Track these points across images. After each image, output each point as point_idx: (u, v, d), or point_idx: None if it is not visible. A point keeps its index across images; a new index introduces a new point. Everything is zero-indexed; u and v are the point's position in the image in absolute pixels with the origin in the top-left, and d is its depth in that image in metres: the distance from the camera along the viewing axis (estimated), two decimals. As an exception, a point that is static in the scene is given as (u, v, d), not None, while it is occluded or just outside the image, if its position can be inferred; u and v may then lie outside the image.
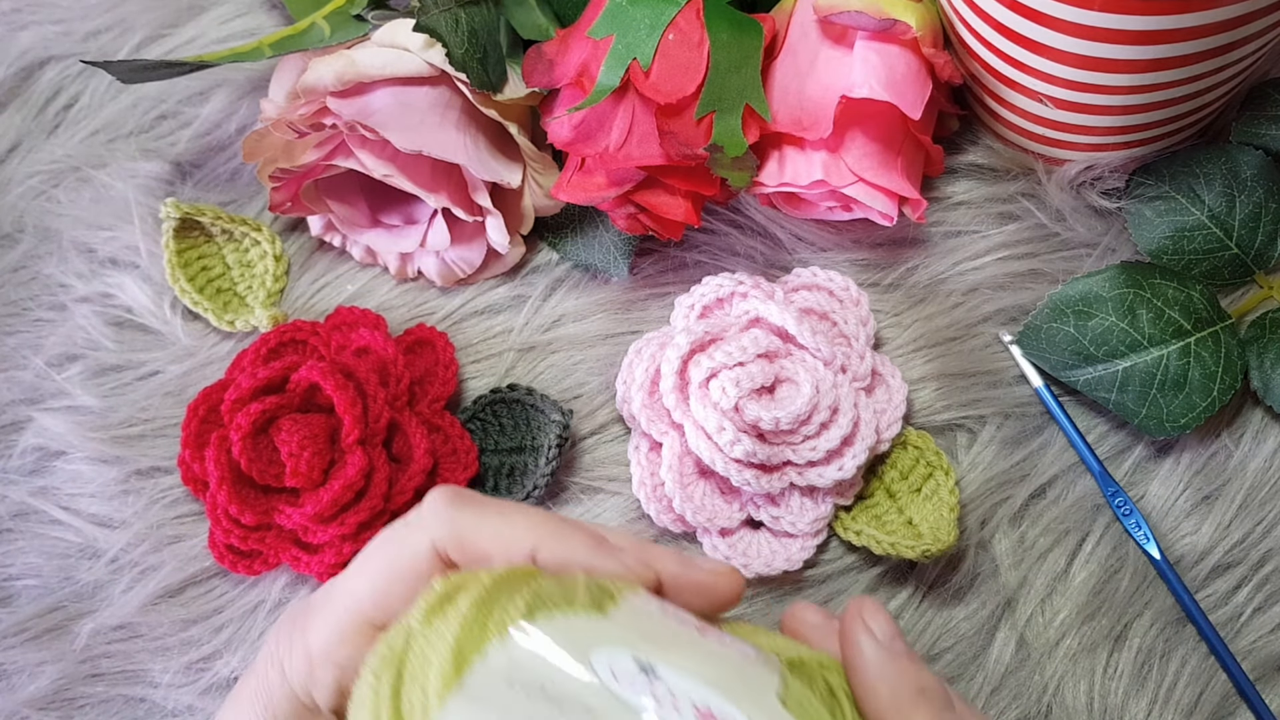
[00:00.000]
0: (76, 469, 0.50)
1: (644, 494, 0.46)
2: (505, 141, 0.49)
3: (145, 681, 0.47)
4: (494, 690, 0.25)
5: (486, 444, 0.48)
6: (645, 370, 0.47)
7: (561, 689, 0.25)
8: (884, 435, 0.47)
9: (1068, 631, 0.46)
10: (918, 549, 0.44)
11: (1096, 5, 0.40)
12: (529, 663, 0.25)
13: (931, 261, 0.50)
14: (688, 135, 0.43)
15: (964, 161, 0.52)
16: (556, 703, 0.25)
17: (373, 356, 0.48)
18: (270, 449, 0.46)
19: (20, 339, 0.53)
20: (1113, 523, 0.47)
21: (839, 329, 0.48)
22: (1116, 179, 0.50)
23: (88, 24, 0.58)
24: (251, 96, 0.56)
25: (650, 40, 0.44)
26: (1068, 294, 0.47)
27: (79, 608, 0.48)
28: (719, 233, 0.51)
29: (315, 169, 0.48)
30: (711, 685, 0.26)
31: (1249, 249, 0.48)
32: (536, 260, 0.52)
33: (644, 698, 0.25)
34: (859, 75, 0.45)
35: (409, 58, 0.46)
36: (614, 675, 0.26)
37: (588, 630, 0.27)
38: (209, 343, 0.52)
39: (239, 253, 0.53)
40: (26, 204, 0.55)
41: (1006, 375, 0.49)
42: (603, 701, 0.25)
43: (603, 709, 0.25)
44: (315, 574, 0.45)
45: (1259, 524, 0.47)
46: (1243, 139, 0.49)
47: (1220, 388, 0.46)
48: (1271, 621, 0.46)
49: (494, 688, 0.25)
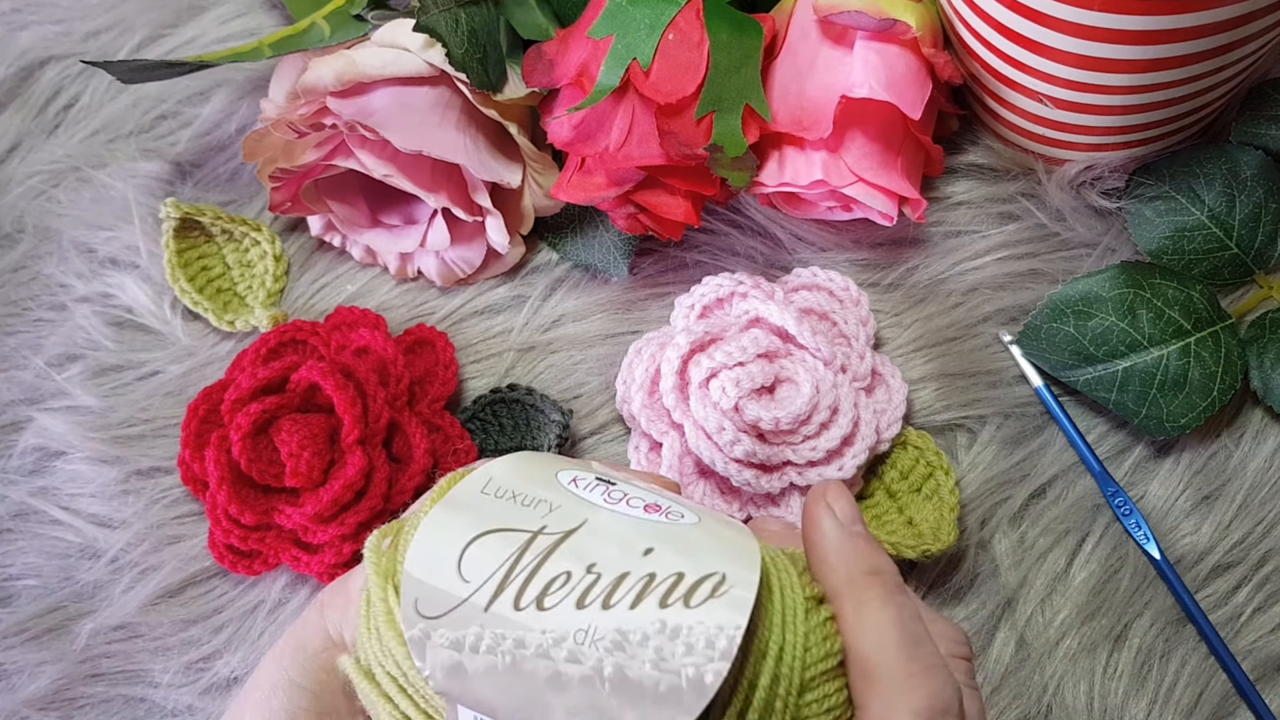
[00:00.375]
0: (76, 469, 0.50)
1: (644, 494, 0.47)
2: (505, 141, 0.49)
3: (145, 681, 0.47)
4: (470, 498, 0.29)
5: (486, 444, 0.48)
6: (645, 370, 0.47)
7: (526, 491, 0.29)
8: (884, 435, 0.47)
9: (1068, 631, 0.46)
10: (918, 549, 0.44)
11: (1096, 5, 0.40)
12: (502, 478, 0.30)
13: (931, 261, 0.50)
14: (688, 135, 0.43)
15: (964, 161, 0.52)
16: (520, 501, 0.29)
17: (373, 356, 0.48)
18: (270, 449, 0.46)
19: (20, 339, 0.53)
20: (1113, 523, 0.47)
21: (839, 329, 0.48)
22: (1116, 179, 0.50)
23: (88, 24, 0.58)
24: (251, 96, 0.56)
25: (650, 40, 0.44)
26: (1068, 294, 0.47)
27: (79, 608, 0.48)
28: (719, 233, 0.51)
29: (315, 169, 0.48)
30: (665, 497, 0.30)
31: (1249, 249, 0.48)
32: (536, 260, 0.52)
33: (599, 496, 0.29)
34: (859, 75, 0.45)
35: (409, 58, 0.46)
36: (575, 484, 0.30)
37: (558, 462, 0.32)
38: (209, 343, 0.52)
39: (239, 253, 0.53)
40: (26, 204, 0.55)
41: (1006, 375, 0.49)
42: (561, 498, 0.29)
43: (559, 502, 0.29)
44: (315, 574, 0.45)
45: (1259, 524, 0.47)
46: (1243, 139, 0.49)
47: (1220, 388, 0.46)
48: (1271, 621, 0.46)
49: (471, 496, 0.29)
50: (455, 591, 0.27)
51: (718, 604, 0.27)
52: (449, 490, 0.30)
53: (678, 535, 0.28)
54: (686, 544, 0.28)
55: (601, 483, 0.30)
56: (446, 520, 0.29)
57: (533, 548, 0.28)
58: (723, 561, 0.28)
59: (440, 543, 0.28)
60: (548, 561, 0.27)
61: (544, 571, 0.27)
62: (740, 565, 0.28)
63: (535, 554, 0.27)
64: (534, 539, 0.28)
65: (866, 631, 0.29)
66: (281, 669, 0.33)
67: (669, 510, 0.29)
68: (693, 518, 0.29)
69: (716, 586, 0.27)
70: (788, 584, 0.29)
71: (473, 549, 0.28)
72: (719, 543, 0.28)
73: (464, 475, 0.31)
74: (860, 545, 0.31)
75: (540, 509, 0.29)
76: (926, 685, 0.28)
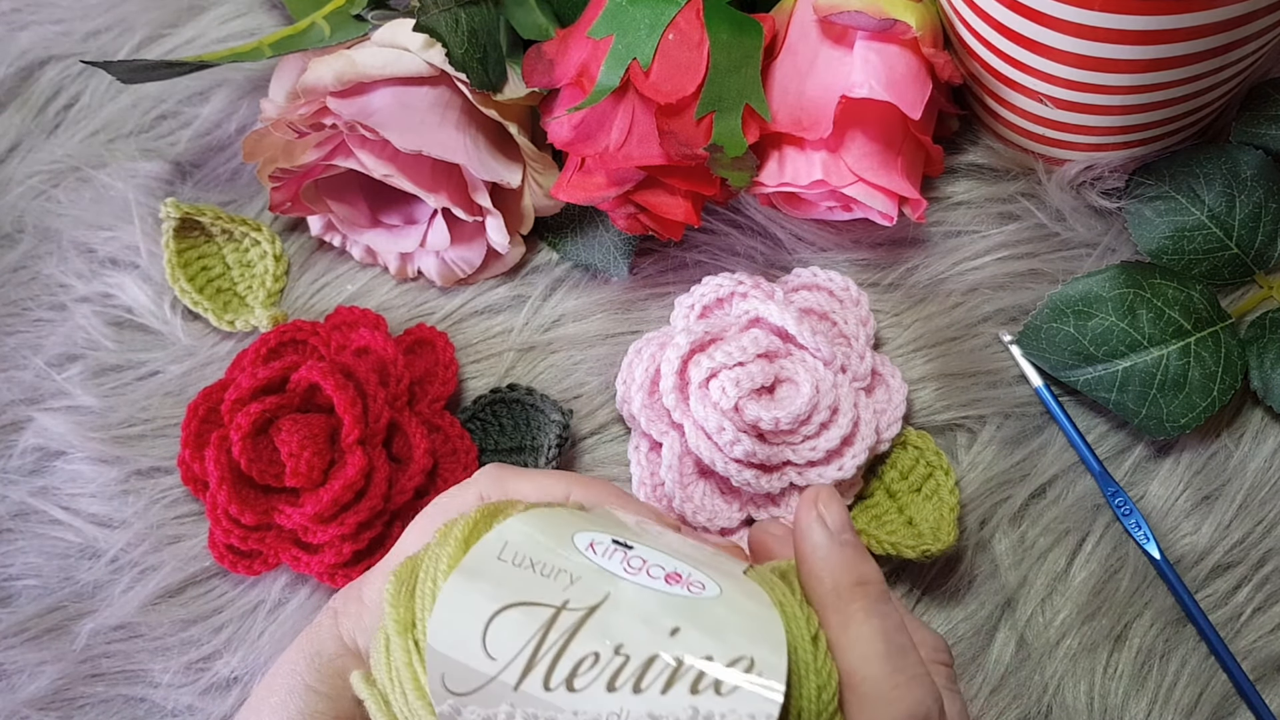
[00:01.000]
0: (76, 469, 0.50)
1: (644, 494, 0.47)
2: (505, 141, 0.49)
3: (145, 681, 0.47)
4: (488, 565, 0.29)
5: (486, 444, 0.48)
6: (645, 370, 0.47)
7: (545, 560, 0.29)
8: (884, 435, 0.47)
9: (1068, 631, 0.46)
10: (918, 549, 0.44)
11: (1096, 5, 0.40)
12: (519, 542, 0.30)
13: (931, 261, 0.50)
14: (688, 135, 0.43)
15: (964, 161, 0.52)
16: (540, 570, 0.29)
17: (373, 356, 0.48)
18: (270, 449, 0.46)
19: (20, 339, 0.53)
20: (1113, 523, 0.47)
21: (839, 329, 0.48)
22: (1116, 179, 0.50)
23: (88, 24, 0.58)
24: (251, 96, 0.56)
25: (650, 40, 0.44)
26: (1068, 294, 0.47)
27: (79, 608, 0.48)
28: (719, 233, 0.51)
29: (315, 169, 0.48)
30: (680, 559, 0.30)
31: (1249, 249, 0.48)
32: (536, 260, 0.52)
33: (618, 565, 0.29)
34: (859, 75, 0.45)
35: (409, 58, 0.46)
36: (593, 549, 0.30)
37: (572, 520, 0.31)
38: (209, 343, 0.52)
39: (239, 253, 0.53)
40: (26, 204, 0.55)
41: (1006, 375, 0.49)
42: (580, 568, 0.29)
43: (579, 573, 0.29)
44: (315, 574, 0.45)
45: (1259, 524, 0.47)
46: (1243, 139, 0.49)
47: (1220, 388, 0.46)
48: (1271, 621, 0.46)
49: (488, 563, 0.29)
50: (482, 669, 0.27)
51: (748, 692, 0.27)
52: (464, 554, 0.29)
53: (702, 612, 0.28)
54: (712, 622, 0.28)
55: (619, 547, 0.30)
56: (466, 591, 0.29)
57: (558, 624, 0.28)
58: (750, 643, 0.28)
59: (463, 616, 0.28)
60: (574, 640, 0.28)
61: (572, 650, 0.27)
62: (767, 646, 0.28)
63: (561, 631, 0.28)
64: (558, 615, 0.28)
65: (852, 645, 0.30)
66: (297, 675, 0.33)
67: (690, 580, 0.29)
68: (713, 588, 0.29)
69: (747, 670, 0.27)
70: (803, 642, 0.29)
71: (497, 624, 0.28)
72: (743, 618, 0.29)
73: (477, 524, 0.31)
74: (848, 555, 0.31)
75: (561, 580, 0.29)
76: (910, 695, 0.29)
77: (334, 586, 0.46)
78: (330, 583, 0.45)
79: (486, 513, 0.31)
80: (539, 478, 0.35)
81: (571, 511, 0.32)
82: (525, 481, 0.35)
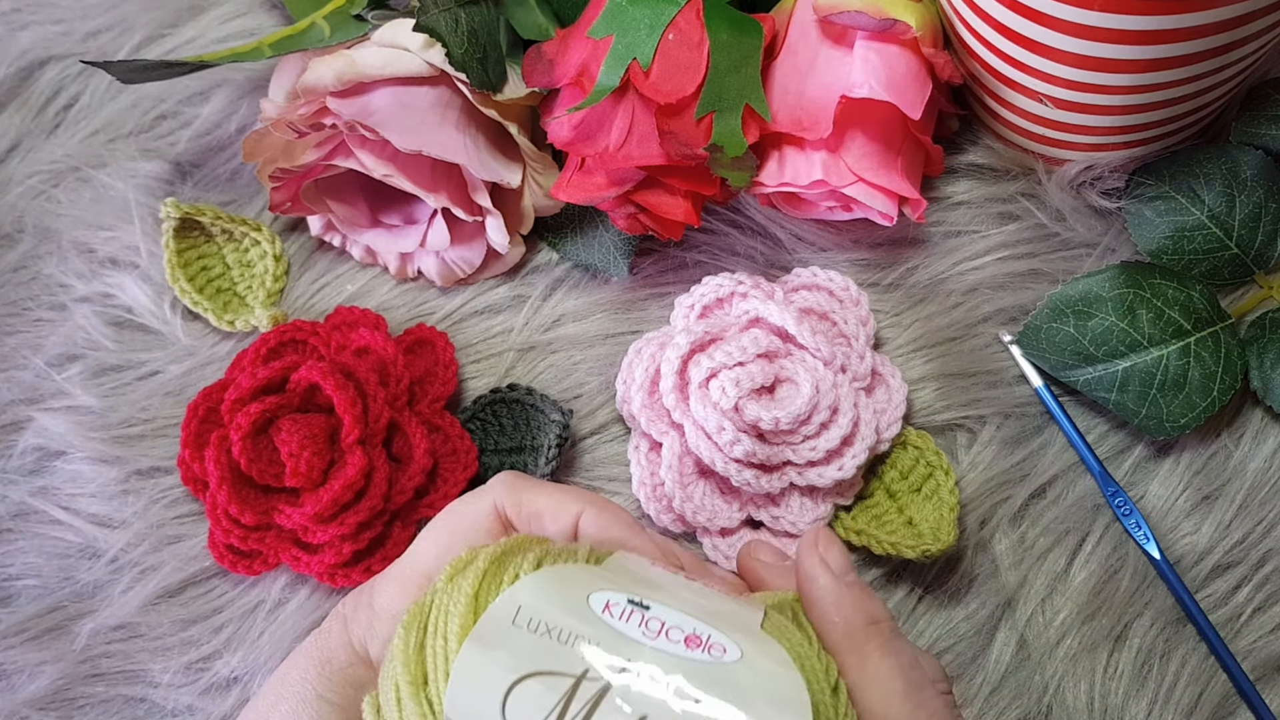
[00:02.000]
0: (76, 469, 0.50)
1: (644, 494, 0.47)
2: (505, 141, 0.49)
3: (145, 681, 0.47)
4: (501, 631, 0.28)
5: (486, 444, 0.48)
6: (645, 370, 0.47)
7: (561, 624, 0.28)
8: (884, 435, 0.47)
9: (1068, 631, 0.46)
10: (918, 549, 0.44)
11: (1096, 5, 0.40)
12: (533, 605, 0.29)
13: (931, 261, 0.50)
14: (688, 135, 0.43)
15: (964, 161, 0.52)
16: (556, 636, 0.28)
17: (373, 356, 0.48)
18: (270, 449, 0.46)
19: (20, 339, 0.53)
20: (1113, 523, 0.47)
21: (839, 329, 0.48)
22: (1116, 179, 0.50)
23: (88, 24, 0.58)
24: (251, 96, 0.56)
25: (650, 40, 0.44)
26: (1068, 294, 0.47)
27: (79, 608, 0.48)
28: (719, 233, 0.51)
29: (315, 169, 0.48)
30: (698, 617, 0.29)
31: (1249, 249, 0.48)
32: (536, 260, 0.52)
33: (636, 629, 0.29)
34: (859, 75, 0.45)
35: (409, 58, 0.46)
36: (609, 612, 0.29)
37: (585, 576, 0.30)
38: (209, 343, 0.52)
39: (239, 253, 0.53)
40: (26, 204, 0.55)
41: (1006, 375, 0.49)
42: (598, 633, 0.28)
43: (598, 638, 0.28)
44: (315, 574, 0.45)
45: (1259, 524, 0.47)
46: (1243, 139, 0.49)
47: (1220, 388, 0.46)
48: (1271, 621, 0.46)
49: (501, 629, 0.28)
50: None
51: None
52: (475, 613, 0.29)
53: (724, 678, 0.28)
54: (735, 689, 0.28)
55: (635, 608, 0.29)
56: (482, 661, 0.28)
57: (579, 695, 0.27)
58: (775, 709, 0.28)
59: (480, 687, 0.27)
60: (597, 711, 0.27)
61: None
62: (791, 710, 0.28)
63: (583, 702, 0.27)
64: (578, 685, 0.27)
65: (872, 684, 0.30)
66: (308, 684, 0.33)
67: (710, 643, 0.29)
68: (734, 650, 0.29)
69: None
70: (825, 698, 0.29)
71: (516, 695, 0.27)
72: (766, 681, 0.28)
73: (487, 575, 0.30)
74: (856, 596, 0.32)
75: (579, 647, 0.28)
76: None
77: (334, 586, 0.46)
78: (330, 583, 0.45)
79: (497, 560, 0.30)
80: (553, 492, 0.34)
81: (584, 568, 0.31)
82: (540, 494, 0.34)
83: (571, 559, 0.31)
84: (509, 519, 0.34)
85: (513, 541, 0.32)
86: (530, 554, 0.31)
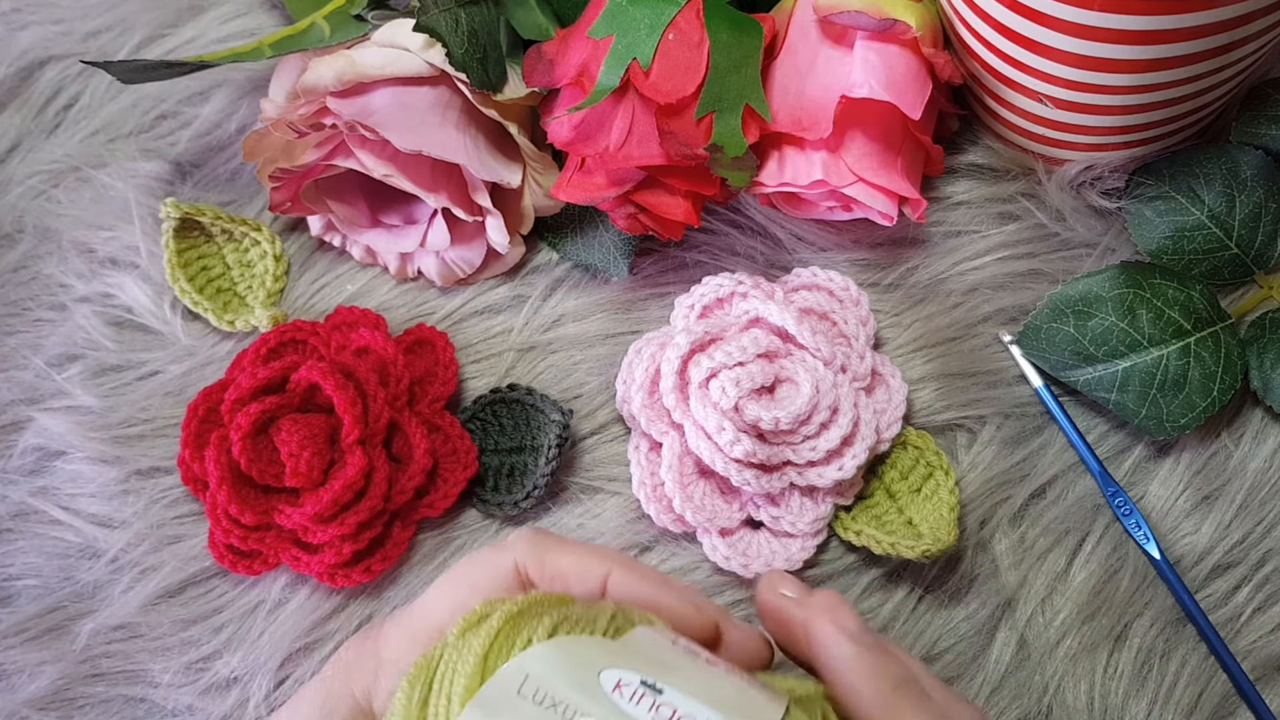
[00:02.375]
0: (76, 469, 0.50)
1: (644, 494, 0.46)
2: (505, 141, 0.49)
3: (145, 681, 0.47)
4: (506, 699, 0.27)
5: (486, 444, 0.48)
6: (645, 370, 0.47)
7: (567, 700, 0.27)
8: (884, 435, 0.47)
9: (1068, 631, 0.46)
10: (918, 549, 0.44)
11: (1096, 5, 0.40)
12: (541, 675, 0.28)
13: (931, 261, 0.50)
14: (688, 135, 0.43)
15: (964, 161, 0.52)
16: (562, 711, 0.27)
17: (373, 356, 0.48)
18: (270, 449, 0.46)
19: (20, 339, 0.53)
20: (1113, 523, 0.47)
21: (839, 329, 0.48)
22: (1116, 179, 0.50)
23: (88, 24, 0.58)
24: (251, 96, 0.56)
25: (650, 40, 0.44)
26: (1068, 294, 0.47)
27: (79, 608, 0.48)
28: (719, 233, 0.51)
29: (315, 169, 0.48)
30: (713, 706, 0.28)
31: (1249, 249, 0.48)
32: (536, 260, 0.52)
33: (645, 713, 0.27)
34: (859, 75, 0.45)
35: (409, 58, 0.46)
36: (620, 692, 0.28)
37: (600, 650, 0.29)
38: (209, 343, 0.52)
39: (239, 253, 0.53)
40: (26, 204, 0.55)
41: (1006, 375, 0.49)
42: (604, 712, 0.27)
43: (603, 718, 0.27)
44: (315, 574, 0.45)
45: (1259, 524, 0.47)
46: (1243, 139, 0.49)
47: (1220, 388, 0.46)
48: (1271, 621, 0.46)
49: (506, 697, 0.27)
50: None
51: None
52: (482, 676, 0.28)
53: None
54: None
55: (648, 690, 0.28)
56: None
57: None
58: None
59: None
60: None
61: None
62: None
63: None
64: None
65: None
66: None
67: None
68: None
69: None
70: None
71: None
72: None
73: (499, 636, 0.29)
74: (879, 660, 0.31)
75: None
76: None
77: (334, 586, 0.46)
78: (330, 583, 0.45)
79: (511, 620, 0.29)
80: (580, 553, 0.33)
81: (600, 641, 0.30)
82: (565, 554, 0.33)
83: (590, 628, 0.30)
84: (530, 578, 0.33)
85: (531, 600, 0.31)
86: (547, 618, 0.30)
